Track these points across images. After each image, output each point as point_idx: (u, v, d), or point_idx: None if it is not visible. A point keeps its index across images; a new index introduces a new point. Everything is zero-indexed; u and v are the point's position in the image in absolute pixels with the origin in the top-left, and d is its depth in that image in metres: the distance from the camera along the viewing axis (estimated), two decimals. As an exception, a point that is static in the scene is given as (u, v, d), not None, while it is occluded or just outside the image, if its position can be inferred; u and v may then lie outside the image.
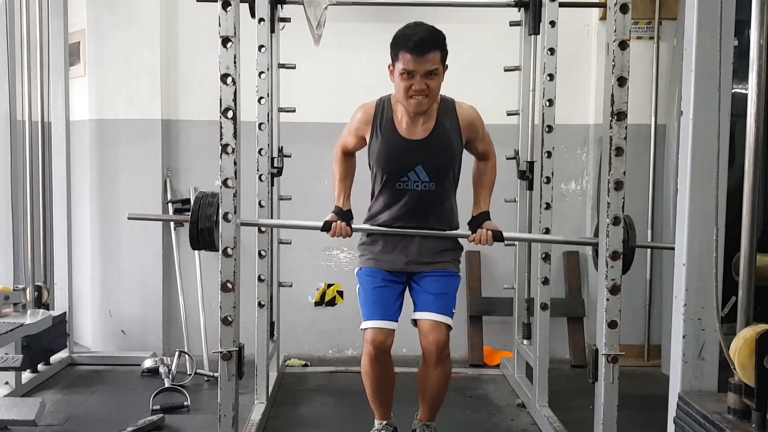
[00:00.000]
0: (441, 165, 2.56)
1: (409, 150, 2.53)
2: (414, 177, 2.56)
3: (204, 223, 2.38)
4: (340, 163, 2.69)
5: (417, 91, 2.41)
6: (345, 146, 2.68)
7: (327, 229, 2.57)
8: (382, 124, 2.56)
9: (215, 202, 2.36)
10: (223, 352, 2.28)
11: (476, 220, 2.61)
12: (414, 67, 2.38)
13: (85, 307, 4.24)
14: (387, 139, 2.54)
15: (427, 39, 2.40)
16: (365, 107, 2.62)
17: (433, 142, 2.53)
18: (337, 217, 2.59)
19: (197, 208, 2.40)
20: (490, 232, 2.55)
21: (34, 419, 2.61)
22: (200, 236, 2.39)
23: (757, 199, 1.61)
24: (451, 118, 2.56)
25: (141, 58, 4.02)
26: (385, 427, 2.70)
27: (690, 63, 1.75)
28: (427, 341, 2.52)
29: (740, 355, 1.50)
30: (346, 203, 2.64)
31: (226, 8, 2.18)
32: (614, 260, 2.26)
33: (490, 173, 2.68)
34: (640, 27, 4.03)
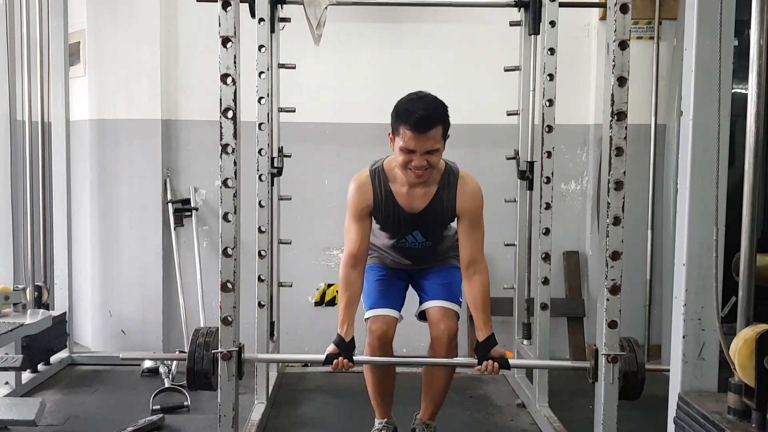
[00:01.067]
0: (436, 230, 2.63)
1: (408, 221, 2.56)
2: (411, 239, 2.63)
3: (200, 366, 2.30)
4: (348, 284, 2.51)
5: (416, 167, 2.38)
6: (352, 253, 2.50)
7: (329, 363, 2.45)
8: (382, 196, 2.52)
9: (211, 343, 2.31)
10: (223, 352, 2.28)
11: (483, 348, 2.46)
12: (415, 146, 2.34)
13: (85, 307, 4.24)
14: (387, 212, 2.54)
15: (428, 117, 2.33)
16: (360, 182, 2.53)
17: (430, 215, 2.54)
18: (338, 350, 2.45)
19: (193, 350, 2.31)
20: (496, 364, 2.42)
21: (34, 419, 2.61)
22: (196, 379, 2.32)
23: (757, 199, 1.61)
24: (451, 192, 2.51)
25: (141, 58, 4.02)
26: (385, 426, 2.70)
27: (690, 63, 1.75)
28: (438, 329, 2.53)
29: (740, 355, 1.51)
30: (350, 332, 2.47)
31: (226, 8, 2.18)
32: (614, 260, 2.25)
33: (483, 293, 2.52)
34: (640, 27, 4.03)
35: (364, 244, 2.52)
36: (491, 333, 2.47)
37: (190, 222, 4.07)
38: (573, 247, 4.17)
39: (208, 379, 2.32)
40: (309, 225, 4.11)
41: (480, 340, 2.47)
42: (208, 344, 2.31)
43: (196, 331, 2.38)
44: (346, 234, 2.53)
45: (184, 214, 4.06)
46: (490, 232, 2.67)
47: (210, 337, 2.33)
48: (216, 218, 3.30)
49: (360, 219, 2.51)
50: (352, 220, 2.52)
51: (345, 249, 2.53)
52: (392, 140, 2.42)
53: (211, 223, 4.11)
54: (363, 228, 2.51)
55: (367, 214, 2.53)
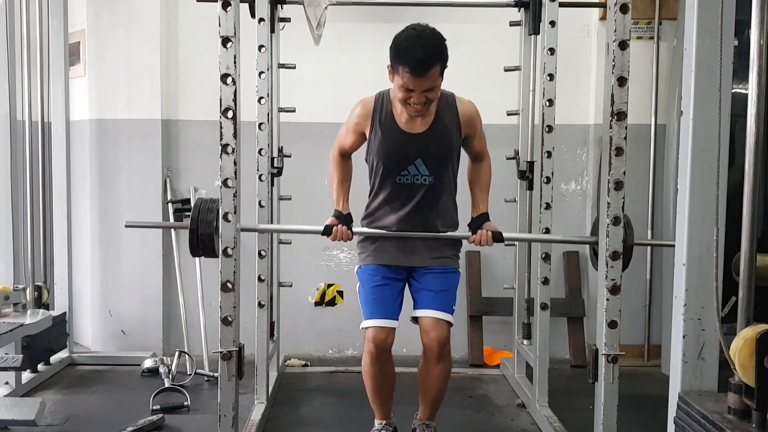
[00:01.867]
0: (440, 158, 2.56)
1: (409, 143, 2.53)
2: (414, 170, 2.55)
3: (204, 228, 2.38)
4: (337, 165, 2.67)
5: (415, 103, 2.41)
6: (342, 147, 2.66)
7: (328, 233, 2.56)
8: (382, 118, 2.56)
9: (215, 208, 2.36)
10: (223, 352, 2.28)
11: (476, 221, 2.62)
12: (413, 86, 2.37)
13: (85, 307, 4.24)
14: (387, 133, 2.54)
15: (427, 57, 2.34)
16: (364, 102, 2.61)
17: (433, 135, 2.53)
18: (337, 221, 2.58)
19: (197, 215, 2.39)
20: (489, 233, 2.56)
21: (34, 419, 2.61)
22: (200, 242, 2.38)
23: (757, 199, 1.61)
24: (451, 112, 2.56)
25: (141, 58, 4.02)
26: (385, 427, 2.70)
27: (690, 63, 1.75)
28: (429, 338, 2.53)
29: (740, 355, 1.51)
30: (346, 206, 2.62)
31: (226, 8, 2.18)
32: (614, 260, 2.25)
33: (486, 174, 2.69)
34: (640, 27, 4.03)
35: (353, 148, 2.65)
36: (486, 211, 2.63)
37: (190, 222, 4.06)
38: (573, 247, 4.17)
39: (211, 242, 2.38)
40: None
41: (474, 215, 2.62)
42: (211, 209, 2.38)
43: (199, 199, 2.48)
44: (339, 137, 2.65)
45: (184, 214, 4.06)
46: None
47: (212, 203, 2.40)
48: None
49: (354, 132, 2.62)
50: (348, 131, 2.63)
51: (335, 144, 2.66)
52: (391, 72, 2.46)
53: (211, 223, 4.11)
54: (356, 139, 2.62)
55: (361, 131, 2.59)
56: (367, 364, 2.57)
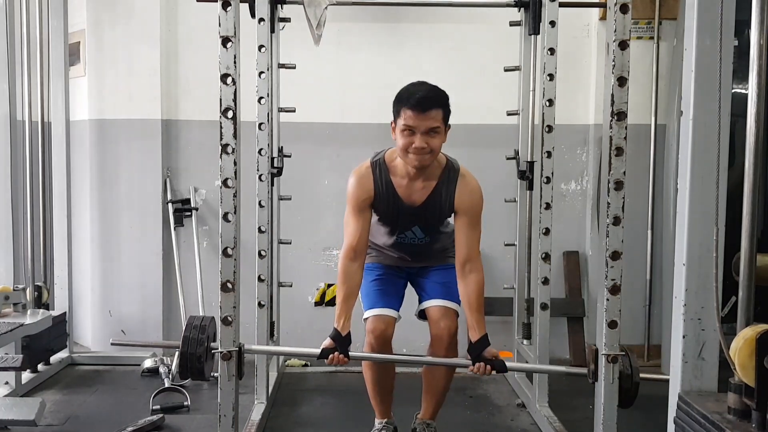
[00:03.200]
0: (435, 225, 2.62)
1: (408, 214, 2.56)
2: (411, 235, 2.63)
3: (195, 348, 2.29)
4: (347, 277, 2.48)
5: (417, 148, 2.37)
6: (351, 245, 2.48)
7: (324, 357, 2.41)
8: (383, 188, 2.51)
9: (205, 337, 2.31)
10: (223, 352, 2.28)
11: (476, 348, 2.44)
12: (415, 123, 2.35)
13: (85, 307, 4.24)
14: (388, 204, 2.54)
15: (429, 97, 2.37)
16: (361, 175, 2.52)
17: (430, 208, 2.54)
18: (334, 344, 2.41)
19: (188, 336, 2.30)
20: (489, 366, 2.41)
21: (34, 419, 2.61)
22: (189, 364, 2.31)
23: (757, 199, 1.61)
24: (449, 188, 2.51)
25: (141, 58, 4.02)
26: (385, 426, 2.70)
27: (690, 63, 1.75)
28: (439, 328, 2.54)
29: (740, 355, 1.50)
30: (347, 326, 2.44)
31: (226, 8, 2.18)
32: (614, 260, 2.25)
33: (478, 295, 2.48)
34: (640, 27, 4.03)
35: (363, 237, 2.50)
36: (484, 333, 2.44)
37: (190, 222, 4.07)
38: (573, 247, 4.17)
39: (201, 364, 2.31)
40: (309, 225, 4.11)
41: (473, 340, 2.45)
42: (203, 329, 2.32)
43: (190, 318, 2.39)
44: (346, 227, 2.52)
45: (184, 214, 4.06)
46: (490, 232, 2.67)
47: (204, 323, 2.34)
48: (216, 218, 3.30)
49: (360, 211, 2.50)
50: (352, 213, 2.51)
51: (344, 242, 2.51)
52: (393, 129, 2.43)
53: (211, 223, 4.12)
54: (363, 221, 2.50)
55: (367, 207, 2.52)
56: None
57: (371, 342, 2.53)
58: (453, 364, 2.59)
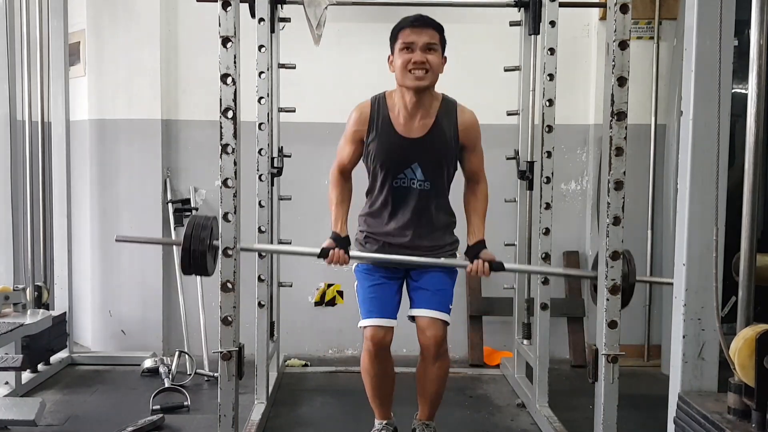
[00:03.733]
0: (437, 164, 2.56)
1: (406, 148, 2.53)
2: (411, 174, 2.56)
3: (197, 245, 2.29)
4: (336, 185, 2.63)
5: (417, 63, 2.42)
6: (341, 163, 2.62)
7: (324, 256, 2.50)
8: (379, 121, 2.55)
9: (209, 225, 2.32)
10: (223, 352, 2.28)
11: (473, 250, 2.54)
12: (414, 38, 2.43)
13: (85, 307, 4.24)
14: (384, 137, 2.54)
15: (426, 17, 2.48)
16: (360, 107, 2.60)
17: (430, 141, 2.53)
18: (334, 244, 2.52)
19: (190, 232, 2.31)
20: (486, 263, 2.49)
21: (34, 419, 2.61)
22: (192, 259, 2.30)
23: (757, 199, 1.61)
24: (450, 119, 2.55)
25: (141, 58, 4.02)
26: (385, 426, 2.70)
27: (690, 63, 1.75)
28: (425, 337, 2.53)
29: (740, 355, 1.50)
30: (344, 229, 2.56)
31: (226, 8, 2.18)
32: (614, 260, 2.25)
33: (483, 200, 2.62)
34: (640, 27, 4.03)
35: (353, 162, 2.63)
36: (482, 238, 2.56)
37: (190, 222, 4.06)
38: (573, 247, 4.17)
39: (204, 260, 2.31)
40: (309, 225, 4.09)
41: (470, 243, 2.55)
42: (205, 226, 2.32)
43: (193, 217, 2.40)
44: (339, 150, 2.63)
45: (184, 214, 4.06)
46: (491, 232, 2.66)
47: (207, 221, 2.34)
48: (216, 218, 3.30)
49: (353, 142, 2.60)
50: (346, 142, 2.61)
51: (335, 161, 2.63)
52: (391, 62, 2.52)
53: (211, 223, 4.11)
54: (355, 149, 2.60)
55: (359, 138, 2.58)
56: (366, 363, 2.58)
57: (370, 348, 2.53)
58: (452, 265, 2.62)
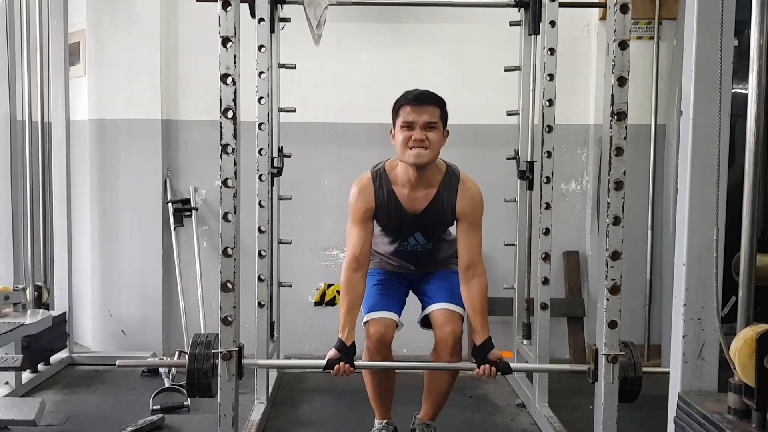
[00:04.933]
0: (436, 230, 2.63)
1: (410, 222, 2.57)
2: (413, 241, 2.64)
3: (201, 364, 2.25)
4: (350, 288, 2.49)
5: (416, 141, 2.39)
6: (355, 255, 2.49)
7: (330, 369, 2.41)
8: (384, 197, 2.52)
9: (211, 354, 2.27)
10: (223, 352, 2.28)
11: (480, 351, 2.45)
12: (413, 117, 2.40)
13: (85, 307, 4.24)
14: (390, 213, 2.54)
15: (426, 94, 2.44)
16: (362, 185, 2.53)
17: (431, 215, 2.55)
18: (339, 354, 2.41)
19: (194, 352, 2.27)
20: (493, 368, 2.43)
21: (34, 419, 2.61)
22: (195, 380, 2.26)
23: (757, 199, 1.61)
24: (451, 193, 2.52)
25: (141, 58, 4.02)
26: (385, 426, 2.70)
27: (690, 63, 1.75)
28: (444, 332, 2.54)
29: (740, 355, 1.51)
30: (351, 336, 2.44)
31: (226, 8, 2.18)
32: (614, 260, 2.25)
33: (482, 298, 2.49)
34: (640, 27, 4.03)
35: (366, 248, 2.51)
36: (488, 336, 2.46)
37: (190, 222, 4.07)
38: (573, 247, 4.17)
39: (207, 380, 2.28)
40: (309, 225, 4.11)
41: (477, 343, 2.46)
42: (209, 343, 2.30)
43: (195, 336, 2.35)
44: (348, 237, 2.53)
45: (184, 214, 4.06)
46: (491, 232, 2.67)
47: (210, 337, 2.31)
48: (216, 218, 3.30)
49: (362, 222, 2.51)
50: (354, 224, 2.52)
51: (347, 252, 2.52)
52: (393, 136, 2.48)
53: (211, 223, 4.12)
54: (365, 231, 2.51)
55: (369, 217, 2.53)
56: (366, 360, 2.58)
57: (370, 345, 2.53)
58: (457, 368, 2.59)
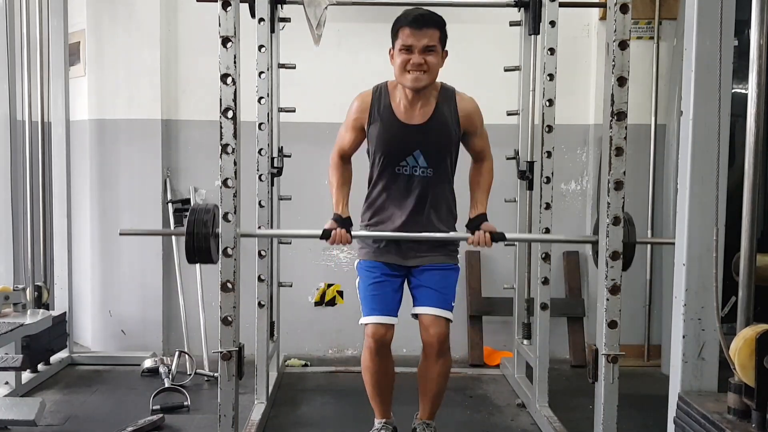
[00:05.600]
0: (439, 150, 2.58)
1: (408, 134, 2.55)
2: (412, 162, 2.57)
3: (200, 229, 2.30)
4: (336, 169, 2.66)
5: (415, 65, 2.43)
6: (342, 149, 2.65)
7: (326, 237, 2.53)
8: (380, 109, 2.57)
9: (211, 209, 2.33)
10: (223, 352, 2.28)
11: (474, 222, 2.60)
12: (412, 41, 2.42)
13: (85, 307, 4.24)
14: (385, 124, 2.55)
15: (426, 16, 2.46)
16: (362, 95, 2.62)
17: (432, 127, 2.54)
18: (336, 225, 2.55)
19: (193, 218, 2.32)
20: (488, 234, 2.53)
21: (34, 419, 2.61)
22: (196, 245, 2.30)
23: (757, 199, 1.61)
24: (450, 105, 2.57)
25: (141, 58, 4.02)
26: (384, 426, 2.70)
27: (690, 63, 1.75)
28: (429, 335, 2.54)
29: (740, 355, 1.51)
30: (345, 210, 2.60)
31: (226, 8, 2.18)
32: (614, 260, 2.25)
33: (487, 175, 2.68)
34: (640, 27, 4.03)
35: (352, 148, 2.65)
36: (484, 211, 2.60)
37: (190, 222, 4.06)
38: (573, 247, 4.17)
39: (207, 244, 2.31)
40: (309, 225, 4.07)
41: (472, 216, 2.59)
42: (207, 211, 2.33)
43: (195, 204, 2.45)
44: (339, 137, 2.65)
45: (184, 214, 4.05)
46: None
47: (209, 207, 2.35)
48: (216, 218, 3.29)
49: (354, 129, 2.61)
50: (347, 129, 2.63)
51: (335, 146, 2.66)
52: (392, 56, 2.50)
53: (211, 223, 4.11)
54: (355, 136, 2.62)
55: (359, 126, 2.60)
56: (366, 360, 2.59)
57: (370, 345, 2.54)
58: (453, 238, 2.63)
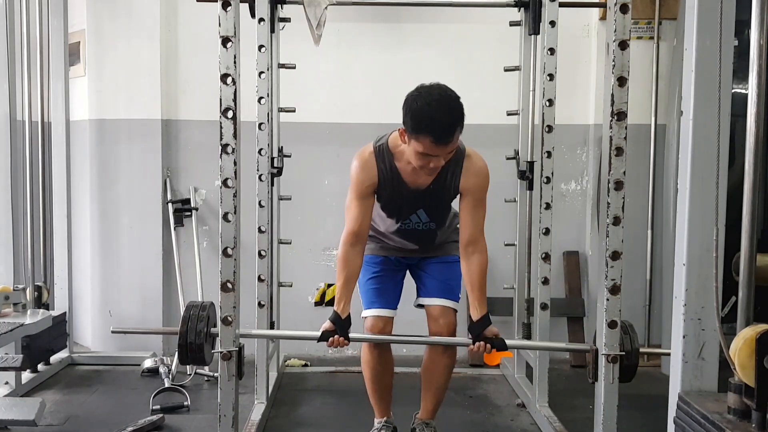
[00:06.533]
0: (439, 207, 2.58)
1: (413, 198, 2.52)
2: (416, 219, 2.58)
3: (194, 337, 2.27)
4: (346, 262, 2.45)
5: (433, 169, 2.33)
6: (353, 231, 2.45)
7: (324, 340, 2.41)
8: (387, 174, 2.46)
9: (205, 316, 2.30)
10: (223, 352, 2.28)
11: (476, 327, 2.45)
12: (434, 153, 2.28)
13: (85, 307, 4.24)
14: (392, 190, 2.48)
15: (453, 125, 2.25)
16: (363, 159, 2.46)
17: (435, 191, 2.49)
18: (334, 327, 2.41)
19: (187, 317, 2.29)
20: (489, 345, 2.42)
21: (34, 419, 2.61)
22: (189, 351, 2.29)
23: (757, 199, 1.61)
24: (456, 169, 2.46)
25: (141, 58, 4.02)
26: (384, 425, 2.70)
27: (690, 63, 1.75)
28: (438, 325, 2.55)
29: (740, 355, 1.50)
30: (346, 309, 2.44)
31: (226, 8, 2.18)
32: (614, 260, 2.25)
33: (481, 274, 2.48)
34: (640, 27, 4.03)
35: (365, 223, 2.47)
36: (486, 313, 2.45)
37: (190, 222, 4.07)
38: (573, 247, 4.17)
39: (201, 353, 2.30)
40: (309, 225, 4.11)
41: (474, 319, 2.46)
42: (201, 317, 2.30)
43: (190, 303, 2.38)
44: (348, 212, 2.47)
45: (184, 214, 4.06)
46: (491, 232, 2.66)
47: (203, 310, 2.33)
48: (216, 218, 3.29)
49: (363, 197, 2.45)
50: (355, 198, 2.46)
51: (346, 227, 2.47)
52: (404, 136, 2.33)
53: (211, 223, 4.12)
54: (365, 206, 2.46)
55: (370, 193, 2.47)
56: (365, 354, 2.60)
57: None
58: (454, 343, 2.60)
